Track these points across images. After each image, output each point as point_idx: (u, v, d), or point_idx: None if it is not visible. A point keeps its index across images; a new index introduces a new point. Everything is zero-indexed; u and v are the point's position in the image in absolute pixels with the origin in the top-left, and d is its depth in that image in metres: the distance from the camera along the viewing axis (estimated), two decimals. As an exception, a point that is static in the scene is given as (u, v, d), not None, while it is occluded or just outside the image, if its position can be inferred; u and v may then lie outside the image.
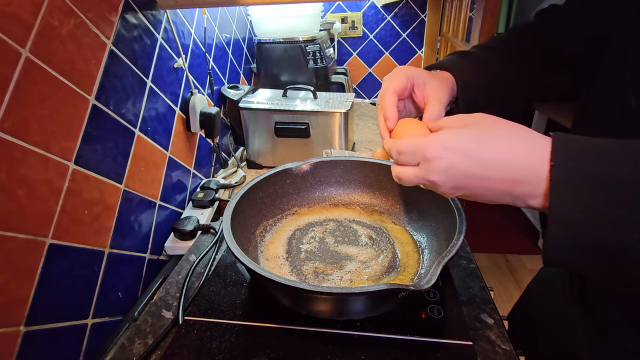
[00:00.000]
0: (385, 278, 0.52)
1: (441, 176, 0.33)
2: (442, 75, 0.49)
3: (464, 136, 0.33)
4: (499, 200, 0.33)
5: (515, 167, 0.31)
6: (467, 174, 0.32)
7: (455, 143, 0.33)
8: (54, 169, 0.49)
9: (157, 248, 0.74)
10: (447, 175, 0.33)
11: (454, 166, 0.33)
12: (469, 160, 0.32)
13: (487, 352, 0.45)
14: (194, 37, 0.90)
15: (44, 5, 0.47)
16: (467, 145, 0.32)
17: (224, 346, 0.46)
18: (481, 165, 0.32)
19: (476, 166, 0.32)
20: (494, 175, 0.32)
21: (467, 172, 0.32)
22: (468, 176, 0.32)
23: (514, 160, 0.31)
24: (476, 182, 0.32)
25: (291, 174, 0.65)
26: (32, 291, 0.46)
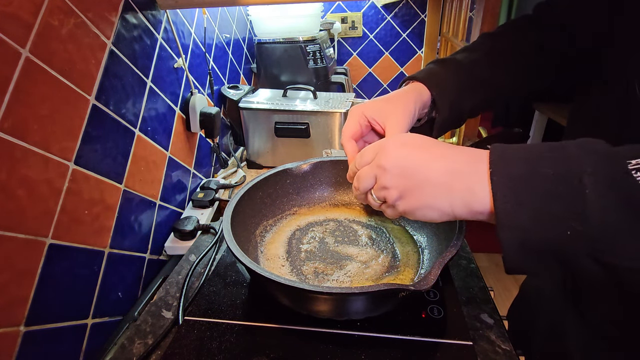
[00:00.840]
0: (385, 278, 0.52)
1: (390, 160, 0.36)
2: (408, 95, 0.49)
3: (414, 136, 0.38)
4: (438, 201, 0.34)
5: (459, 160, 0.34)
6: (414, 161, 0.35)
7: (407, 138, 0.38)
8: (54, 169, 0.49)
9: (157, 248, 0.74)
10: (395, 159, 0.36)
11: (404, 153, 0.36)
12: (417, 150, 0.36)
13: (487, 352, 0.45)
14: (194, 37, 0.90)
15: (44, 5, 0.47)
16: (417, 141, 0.37)
17: (224, 346, 0.46)
18: (427, 153, 0.35)
19: (423, 153, 0.35)
20: (438, 166, 0.34)
21: (415, 158, 0.35)
22: (414, 164, 0.35)
23: (457, 156, 0.34)
24: (420, 169, 0.35)
25: (291, 174, 0.65)
26: (32, 291, 0.46)
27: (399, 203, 0.37)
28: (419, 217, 0.37)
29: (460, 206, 0.33)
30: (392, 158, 0.36)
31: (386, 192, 0.37)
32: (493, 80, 0.51)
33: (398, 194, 0.36)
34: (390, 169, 0.36)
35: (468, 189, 0.33)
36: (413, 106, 0.48)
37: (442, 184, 0.34)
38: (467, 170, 0.33)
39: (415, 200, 0.36)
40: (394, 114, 0.47)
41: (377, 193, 0.39)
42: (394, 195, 0.37)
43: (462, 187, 0.33)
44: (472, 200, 0.32)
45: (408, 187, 0.36)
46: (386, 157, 0.37)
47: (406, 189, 0.36)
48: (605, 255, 0.26)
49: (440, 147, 0.36)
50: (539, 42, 0.51)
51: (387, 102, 0.48)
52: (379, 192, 0.38)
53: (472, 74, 0.51)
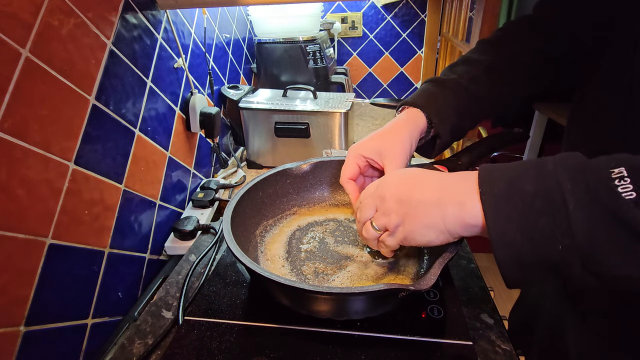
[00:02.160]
0: (385, 278, 0.52)
1: (389, 190, 0.40)
2: (403, 128, 0.49)
3: (411, 169, 0.43)
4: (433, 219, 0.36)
5: (449, 179, 0.37)
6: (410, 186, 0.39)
7: (404, 171, 0.42)
8: (54, 169, 0.49)
9: (157, 248, 0.74)
10: (393, 188, 0.40)
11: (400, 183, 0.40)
12: (413, 178, 0.40)
13: (487, 352, 0.45)
14: (194, 37, 0.90)
15: (44, 5, 0.47)
16: (413, 172, 0.41)
17: (224, 346, 0.46)
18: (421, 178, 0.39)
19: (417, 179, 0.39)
20: (430, 186, 0.38)
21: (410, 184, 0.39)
22: (410, 189, 0.39)
23: (448, 176, 0.38)
24: (415, 195, 0.38)
25: (291, 174, 0.65)
26: (32, 291, 0.46)
27: (399, 229, 0.39)
28: (418, 240, 0.38)
29: (452, 221, 0.35)
30: (391, 187, 0.40)
31: (386, 218, 0.40)
32: (493, 95, 0.52)
33: (398, 219, 0.39)
34: (390, 197, 0.39)
35: (459, 203, 0.35)
36: (409, 141, 0.49)
37: (435, 201, 0.36)
38: (457, 186, 0.36)
39: (413, 223, 0.38)
40: (390, 153, 0.48)
41: (377, 221, 0.41)
42: (395, 220, 0.39)
43: (454, 201, 0.35)
44: (464, 214, 0.34)
45: (406, 211, 0.38)
46: (386, 188, 0.41)
47: (405, 214, 0.38)
48: (595, 265, 0.27)
49: (434, 173, 0.39)
50: (539, 48, 0.50)
51: (383, 141, 0.49)
52: (379, 219, 0.41)
53: (471, 94, 0.51)
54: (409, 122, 0.50)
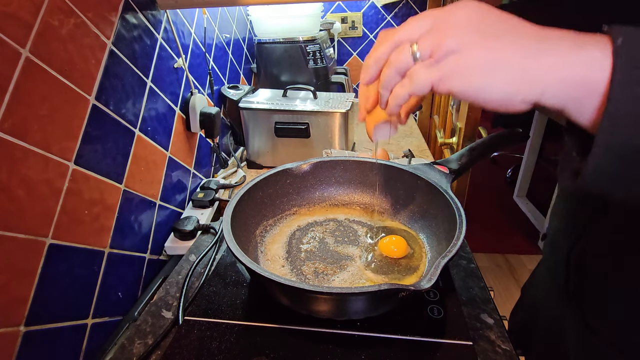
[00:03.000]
0: (386, 278, 0.52)
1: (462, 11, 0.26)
2: None
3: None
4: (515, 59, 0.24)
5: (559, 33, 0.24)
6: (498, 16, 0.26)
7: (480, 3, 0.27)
8: (54, 169, 0.49)
9: (157, 248, 0.74)
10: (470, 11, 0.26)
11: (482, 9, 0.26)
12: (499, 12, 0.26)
13: (487, 352, 0.45)
14: (194, 37, 0.90)
15: (44, 5, 0.47)
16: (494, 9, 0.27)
17: (224, 346, 0.46)
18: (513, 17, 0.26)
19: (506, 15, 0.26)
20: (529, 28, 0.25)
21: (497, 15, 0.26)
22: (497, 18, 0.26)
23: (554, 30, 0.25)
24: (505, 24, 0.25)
25: (291, 174, 0.65)
26: (32, 291, 0.46)
27: (450, 59, 0.26)
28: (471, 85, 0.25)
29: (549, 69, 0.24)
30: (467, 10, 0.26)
31: (441, 37, 0.26)
32: None
33: (458, 42, 0.25)
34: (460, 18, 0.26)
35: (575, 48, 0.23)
36: None
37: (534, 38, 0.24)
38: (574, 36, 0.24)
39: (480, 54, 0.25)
40: None
41: (425, 41, 0.27)
42: (452, 43, 0.26)
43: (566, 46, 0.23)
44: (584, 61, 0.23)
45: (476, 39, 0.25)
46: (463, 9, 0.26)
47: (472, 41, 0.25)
48: None
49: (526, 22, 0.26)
50: None
51: None
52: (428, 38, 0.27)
53: None
54: None
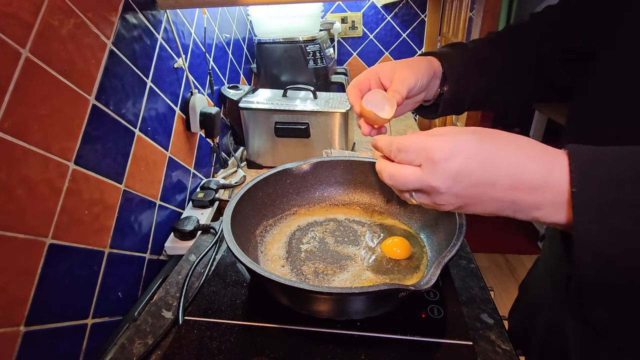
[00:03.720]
0: (386, 278, 0.52)
1: (446, 181, 0.31)
2: (419, 61, 0.49)
3: (472, 140, 0.31)
4: (500, 212, 0.32)
5: (529, 175, 0.29)
6: (475, 180, 0.30)
7: (465, 146, 0.31)
8: (54, 169, 0.49)
9: (157, 248, 0.74)
10: (453, 181, 0.31)
11: (462, 171, 0.30)
12: (478, 165, 0.30)
13: (487, 352, 0.45)
14: (194, 37, 0.90)
15: (44, 5, 0.47)
16: (477, 149, 0.31)
17: (224, 346, 0.46)
18: (491, 169, 0.30)
19: (486, 171, 0.30)
20: (504, 182, 0.30)
21: (476, 178, 0.30)
22: (475, 183, 0.30)
23: (527, 168, 0.29)
24: (483, 190, 0.31)
25: (291, 174, 0.65)
26: (32, 291, 0.46)
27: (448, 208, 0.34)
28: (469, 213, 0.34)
29: (523, 216, 0.31)
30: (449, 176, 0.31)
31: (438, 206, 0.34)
32: (495, 62, 0.52)
33: (454, 208, 0.33)
34: (447, 190, 0.31)
35: (536, 206, 0.30)
36: (424, 68, 0.48)
37: (509, 202, 0.30)
38: (537, 184, 0.29)
39: (472, 210, 0.33)
40: (406, 75, 0.46)
41: (421, 199, 0.34)
42: (448, 208, 0.34)
43: (530, 203, 0.30)
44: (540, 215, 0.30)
45: (466, 203, 0.32)
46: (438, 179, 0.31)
47: (464, 204, 0.32)
48: None
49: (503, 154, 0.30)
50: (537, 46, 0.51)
51: (398, 62, 0.49)
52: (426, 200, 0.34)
53: (476, 55, 0.52)
54: (425, 59, 0.50)
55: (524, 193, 0.30)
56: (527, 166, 0.29)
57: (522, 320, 0.60)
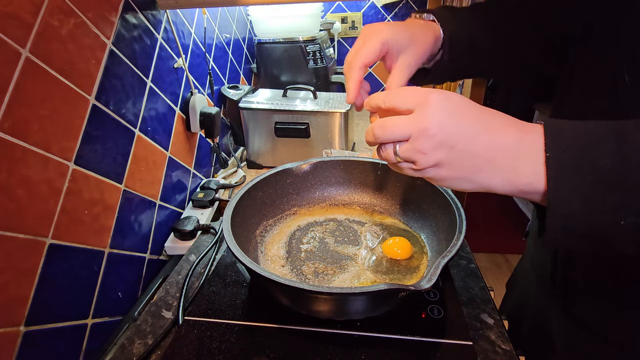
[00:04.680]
0: (386, 278, 0.52)
1: (436, 122, 0.31)
2: (426, 34, 0.46)
3: (459, 97, 0.33)
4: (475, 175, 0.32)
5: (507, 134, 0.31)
6: (461, 130, 0.31)
7: (454, 99, 0.32)
8: (54, 169, 0.49)
9: (157, 248, 0.74)
10: (440, 126, 0.31)
11: (450, 117, 0.31)
12: (465, 116, 0.32)
13: (487, 352, 0.45)
14: (194, 37, 0.90)
15: (44, 5, 0.47)
16: (466, 103, 0.32)
17: (224, 346, 0.46)
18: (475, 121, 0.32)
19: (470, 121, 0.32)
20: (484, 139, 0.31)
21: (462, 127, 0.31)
22: (460, 133, 0.31)
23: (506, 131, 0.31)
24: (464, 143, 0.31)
25: (291, 174, 0.65)
26: (32, 291, 0.46)
27: (430, 170, 0.33)
28: (448, 186, 0.34)
29: (500, 182, 0.31)
30: (439, 121, 0.31)
31: (420, 156, 0.32)
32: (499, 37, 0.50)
33: (434, 162, 0.32)
34: (434, 134, 0.31)
35: (513, 167, 0.31)
36: (429, 44, 0.45)
37: (486, 158, 0.31)
38: (515, 147, 0.30)
39: (452, 172, 0.32)
40: (406, 55, 0.44)
41: (405, 153, 0.33)
42: (429, 161, 0.32)
43: (508, 164, 0.31)
44: (517, 179, 0.31)
45: (448, 157, 0.32)
46: (432, 117, 0.31)
47: (444, 159, 0.32)
48: None
49: (487, 115, 0.32)
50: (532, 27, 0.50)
51: (411, 41, 0.44)
52: (408, 152, 0.33)
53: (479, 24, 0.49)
54: (431, 30, 0.46)
55: (500, 152, 0.31)
56: (507, 129, 0.31)
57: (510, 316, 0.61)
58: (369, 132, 0.36)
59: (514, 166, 0.31)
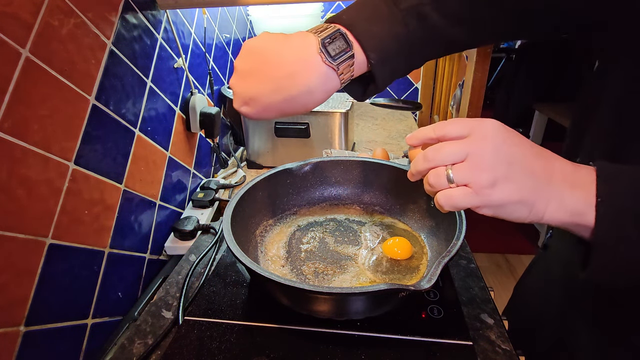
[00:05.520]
0: (386, 278, 0.52)
1: (497, 138, 0.31)
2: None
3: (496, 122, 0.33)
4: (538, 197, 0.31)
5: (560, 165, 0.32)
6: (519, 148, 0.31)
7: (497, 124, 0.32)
8: (54, 169, 0.49)
9: (157, 248, 0.74)
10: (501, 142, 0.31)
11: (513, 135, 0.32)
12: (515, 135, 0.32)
13: (487, 352, 0.45)
14: (194, 37, 0.90)
15: (44, 5, 0.47)
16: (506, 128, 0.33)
17: (224, 346, 0.46)
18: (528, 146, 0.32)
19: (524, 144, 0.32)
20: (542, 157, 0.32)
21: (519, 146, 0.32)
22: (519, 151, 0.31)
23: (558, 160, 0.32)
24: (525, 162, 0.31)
25: (291, 174, 0.65)
26: (32, 291, 0.46)
27: (486, 192, 0.31)
28: (502, 214, 0.32)
29: (555, 209, 0.31)
30: (497, 141, 0.31)
31: (477, 175, 0.31)
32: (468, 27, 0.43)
33: (492, 179, 0.30)
34: (493, 152, 0.31)
35: (571, 194, 0.30)
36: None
37: (545, 179, 0.31)
38: (572, 174, 0.31)
39: (510, 193, 0.31)
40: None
41: (461, 173, 0.32)
42: (487, 180, 0.30)
43: (565, 190, 0.31)
44: (573, 207, 0.30)
45: (507, 174, 0.30)
46: (491, 137, 0.31)
47: (503, 177, 0.30)
48: None
49: (540, 147, 0.33)
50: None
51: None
52: (465, 172, 0.31)
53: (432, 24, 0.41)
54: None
55: (558, 174, 0.31)
56: (562, 159, 0.32)
57: (522, 320, 0.60)
58: (417, 160, 0.35)
59: (571, 193, 0.31)
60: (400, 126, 1.38)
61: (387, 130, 1.33)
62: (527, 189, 0.31)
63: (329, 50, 0.38)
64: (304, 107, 0.41)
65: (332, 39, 0.38)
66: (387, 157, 0.87)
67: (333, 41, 0.38)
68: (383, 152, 0.87)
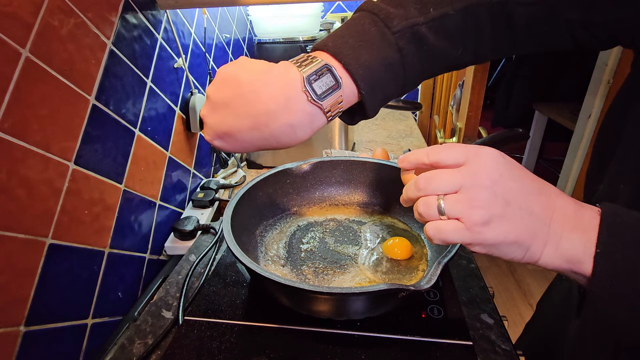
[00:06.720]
0: (386, 278, 0.52)
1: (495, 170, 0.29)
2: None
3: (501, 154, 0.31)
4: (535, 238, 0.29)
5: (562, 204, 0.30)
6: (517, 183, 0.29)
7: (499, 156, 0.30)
8: (54, 169, 0.49)
9: (157, 248, 0.74)
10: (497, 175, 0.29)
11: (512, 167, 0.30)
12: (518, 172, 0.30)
13: (487, 352, 0.45)
14: (194, 37, 0.90)
15: (44, 5, 0.47)
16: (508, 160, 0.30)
17: (224, 346, 0.46)
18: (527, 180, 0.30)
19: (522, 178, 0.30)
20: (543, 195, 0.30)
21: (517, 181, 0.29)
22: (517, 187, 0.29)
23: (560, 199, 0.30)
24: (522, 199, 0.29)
25: (291, 174, 0.65)
26: (32, 291, 0.46)
27: (479, 229, 0.29)
28: (497, 252, 0.30)
29: (551, 253, 0.29)
30: (495, 173, 0.29)
31: (470, 210, 0.29)
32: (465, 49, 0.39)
33: (487, 217, 0.28)
34: (490, 186, 0.28)
35: (569, 238, 0.29)
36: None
37: (543, 220, 0.29)
38: (573, 215, 0.29)
39: (505, 233, 0.28)
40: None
41: (453, 206, 0.29)
42: (481, 217, 0.28)
43: (564, 233, 0.29)
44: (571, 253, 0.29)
45: (503, 213, 0.28)
46: (488, 168, 0.29)
47: (498, 215, 0.28)
48: None
49: (542, 181, 0.31)
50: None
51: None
52: (458, 205, 0.29)
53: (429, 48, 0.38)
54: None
55: (558, 216, 0.29)
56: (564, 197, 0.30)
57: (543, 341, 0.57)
58: (409, 187, 0.33)
59: (570, 238, 0.28)
60: (400, 126, 1.38)
61: (387, 130, 1.33)
62: (523, 230, 0.28)
63: (315, 89, 0.34)
64: (285, 145, 0.37)
65: (319, 75, 0.34)
66: (387, 157, 0.87)
67: (320, 77, 0.34)
68: (383, 152, 0.87)
